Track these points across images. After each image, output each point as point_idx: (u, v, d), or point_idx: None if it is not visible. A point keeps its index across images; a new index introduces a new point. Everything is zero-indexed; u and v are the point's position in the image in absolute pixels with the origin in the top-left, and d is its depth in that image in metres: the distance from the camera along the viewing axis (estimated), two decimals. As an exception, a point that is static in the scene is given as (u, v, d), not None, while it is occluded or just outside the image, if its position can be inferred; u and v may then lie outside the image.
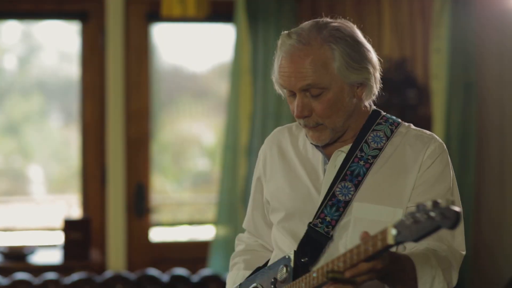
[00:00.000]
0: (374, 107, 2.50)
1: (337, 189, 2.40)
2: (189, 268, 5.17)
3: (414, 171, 2.40)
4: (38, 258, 5.25)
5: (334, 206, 2.39)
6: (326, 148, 2.47)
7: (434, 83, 5.26)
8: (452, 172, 2.45)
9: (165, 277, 5.01)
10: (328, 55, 2.32)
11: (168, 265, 5.24)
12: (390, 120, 2.47)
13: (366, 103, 2.45)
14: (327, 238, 2.39)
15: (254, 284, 2.50)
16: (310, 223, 2.40)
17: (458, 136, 5.20)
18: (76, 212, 5.58)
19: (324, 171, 2.45)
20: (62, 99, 5.76)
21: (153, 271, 5.04)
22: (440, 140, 2.46)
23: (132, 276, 4.99)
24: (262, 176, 2.61)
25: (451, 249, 2.38)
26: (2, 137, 5.68)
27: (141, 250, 5.43)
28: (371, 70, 2.36)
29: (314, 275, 2.24)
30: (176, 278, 4.99)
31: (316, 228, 2.40)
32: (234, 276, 2.65)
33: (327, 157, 2.46)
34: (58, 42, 5.65)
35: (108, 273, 5.01)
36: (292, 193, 2.48)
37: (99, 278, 4.93)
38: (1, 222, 5.58)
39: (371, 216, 2.38)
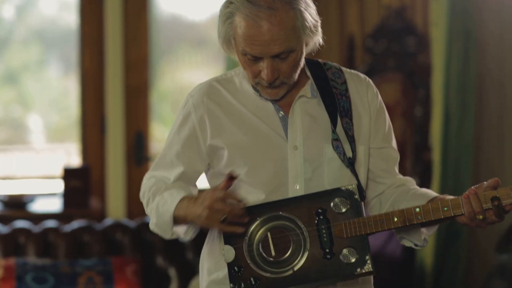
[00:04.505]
0: None
1: (345, 126, 2.40)
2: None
3: (366, 110, 2.46)
4: (37, 206, 5.28)
5: (352, 142, 2.41)
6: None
7: (433, 31, 5.22)
8: None
9: (164, 225, 5.03)
10: (293, 17, 2.29)
11: (168, 212, 5.25)
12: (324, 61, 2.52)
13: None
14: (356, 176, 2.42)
15: (278, 213, 2.33)
16: (350, 159, 2.39)
17: (457, 84, 5.17)
18: (75, 160, 5.59)
19: (280, 118, 2.41)
20: (61, 49, 5.74)
21: (152, 219, 5.06)
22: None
23: (131, 223, 5.01)
24: (199, 132, 2.44)
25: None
26: (1, 87, 5.68)
27: (141, 198, 5.44)
28: (319, 24, 2.37)
29: (395, 219, 2.28)
30: (175, 226, 5.01)
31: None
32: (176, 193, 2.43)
33: (276, 104, 2.42)
34: (56, -9, 5.64)
35: (108, 221, 5.04)
36: (253, 146, 2.40)
37: (99, 225, 4.96)
38: (1, 170, 5.60)
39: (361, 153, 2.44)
